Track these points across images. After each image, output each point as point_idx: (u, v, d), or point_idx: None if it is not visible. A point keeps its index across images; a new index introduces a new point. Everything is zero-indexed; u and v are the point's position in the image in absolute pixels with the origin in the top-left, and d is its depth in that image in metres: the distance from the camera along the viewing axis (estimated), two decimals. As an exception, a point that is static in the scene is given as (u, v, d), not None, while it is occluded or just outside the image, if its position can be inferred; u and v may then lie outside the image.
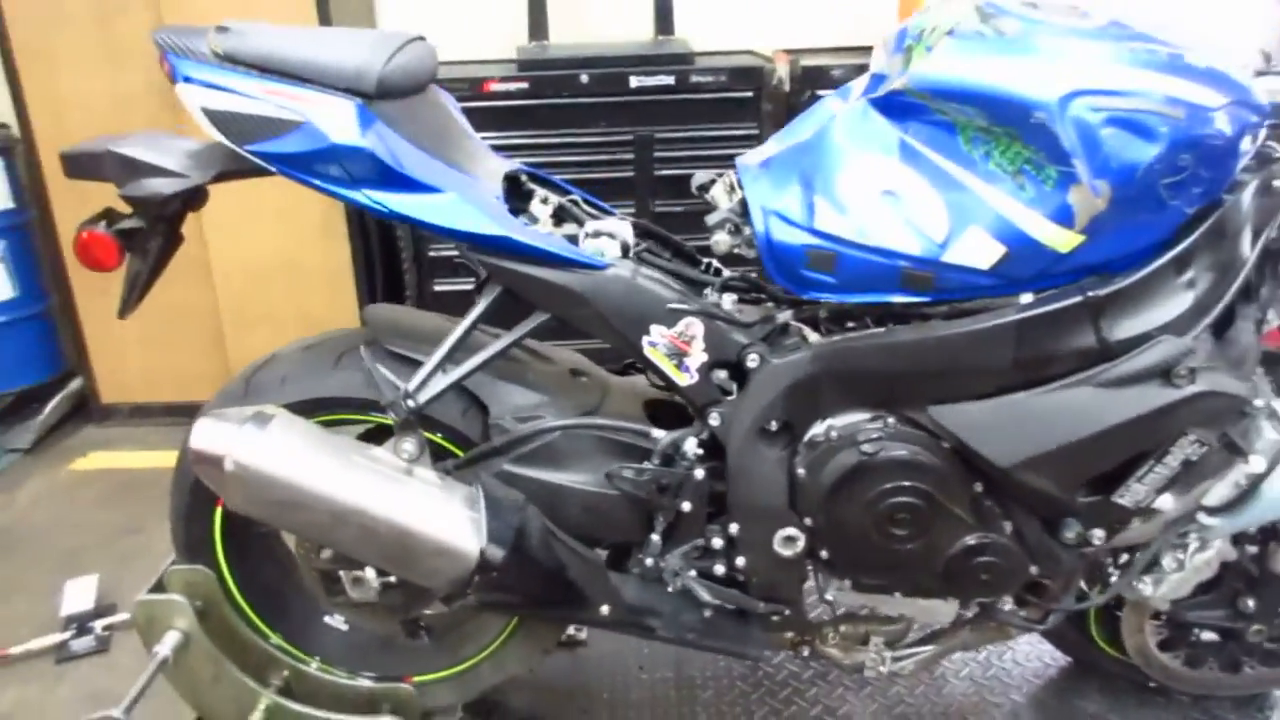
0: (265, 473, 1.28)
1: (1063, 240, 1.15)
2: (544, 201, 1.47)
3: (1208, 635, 1.59)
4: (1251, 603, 1.53)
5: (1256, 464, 1.22)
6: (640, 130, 3.09)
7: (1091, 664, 1.76)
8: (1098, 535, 1.32)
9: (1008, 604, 1.49)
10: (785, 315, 1.37)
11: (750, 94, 3.04)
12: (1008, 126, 1.14)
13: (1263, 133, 1.23)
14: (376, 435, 1.49)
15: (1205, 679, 1.66)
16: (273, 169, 1.27)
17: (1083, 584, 1.44)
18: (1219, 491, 1.27)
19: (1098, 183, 1.11)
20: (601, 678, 1.84)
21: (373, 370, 1.35)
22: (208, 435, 1.30)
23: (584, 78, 3.01)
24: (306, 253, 2.99)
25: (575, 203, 1.51)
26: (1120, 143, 1.10)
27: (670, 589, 1.44)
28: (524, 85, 3.02)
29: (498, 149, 1.53)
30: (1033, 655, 1.85)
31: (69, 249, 2.79)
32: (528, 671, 1.70)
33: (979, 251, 1.18)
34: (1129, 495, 1.27)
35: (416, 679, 1.68)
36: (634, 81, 2.99)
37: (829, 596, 1.48)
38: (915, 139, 1.20)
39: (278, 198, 2.38)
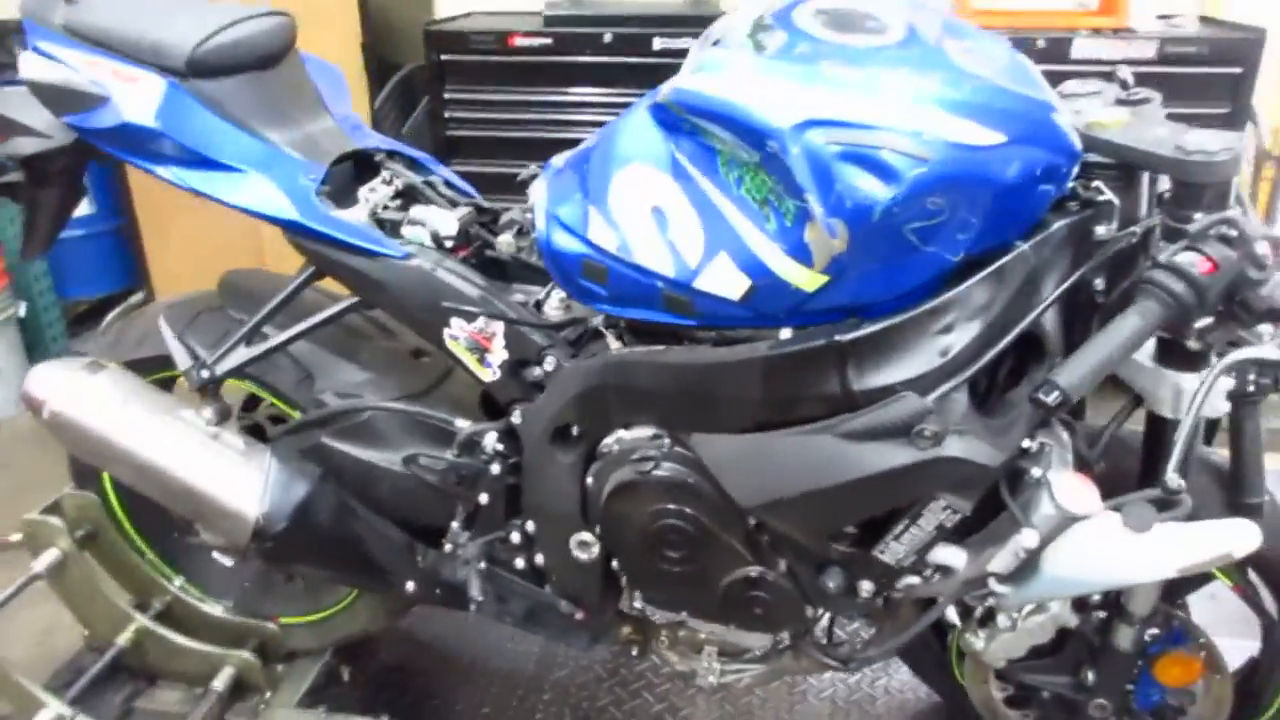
0: (77, 422, 1.38)
1: (805, 279, 1.07)
2: (387, 182, 1.48)
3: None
4: (1091, 675, 1.40)
5: (1029, 538, 1.11)
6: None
7: (960, 708, 1.66)
8: (865, 587, 1.24)
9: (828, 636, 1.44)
10: (598, 321, 1.34)
11: None
12: (752, 152, 1.05)
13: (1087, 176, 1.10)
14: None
15: (1058, 745, 1.55)
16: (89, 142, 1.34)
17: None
18: (1002, 560, 1.17)
19: (833, 222, 1.02)
20: (473, 642, 1.89)
21: (168, 340, 1.42)
22: (36, 381, 1.41)
23: (608, 37, 2.95)
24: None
25: (431, 185, 1.51)
26: (855, 180, 0.99)
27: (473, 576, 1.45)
28: (548, 41, 2.99)
29: (521, 104, 1.49)
30: (907, 687, 1.77)
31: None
32: (380, 628, 1.77)
33: (728, 282, 1.11)
34: (889, 553, 1.19)
35: (283, 620, 1.78)
36: (658, 44, 2.91)
37: (636, 604, 1.46)
38: (683, 155, 1.13)
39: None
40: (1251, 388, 1.17)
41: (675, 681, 1.79)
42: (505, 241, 1.33)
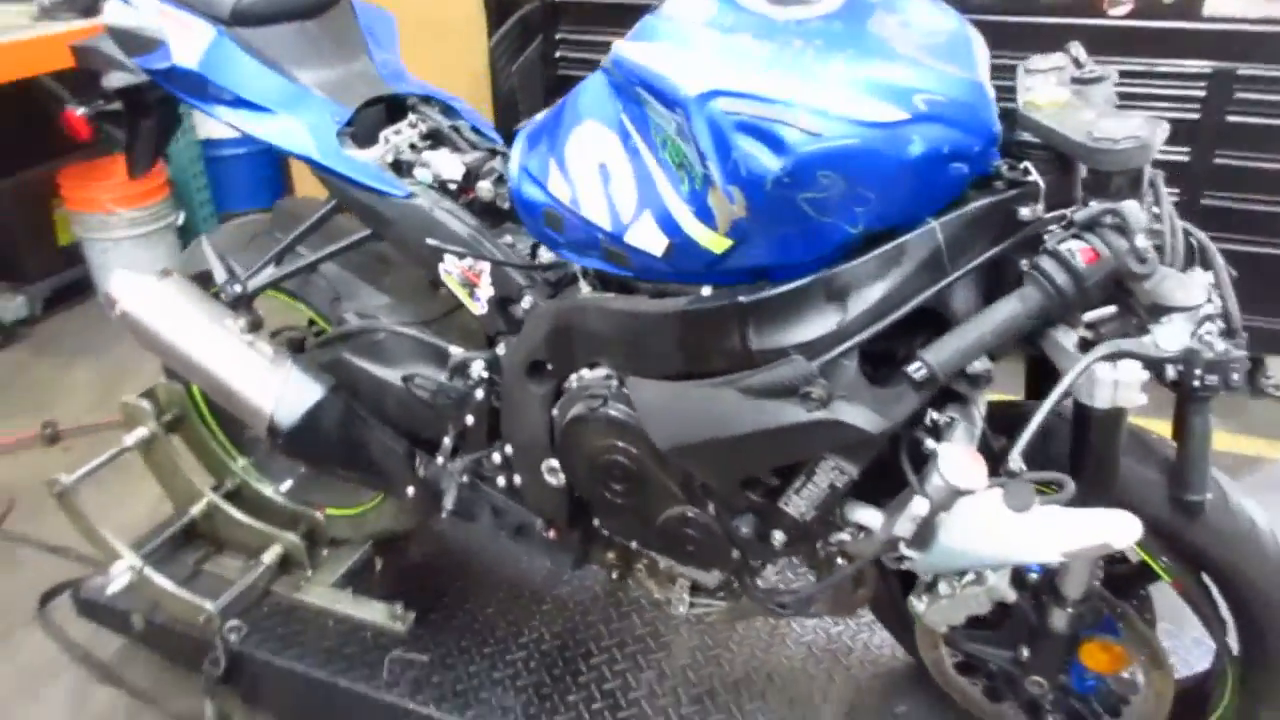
0: (140, 321, 1.62)
1: (712, 241, 1.13)
2: (412, 126, 1.62)
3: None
4: (1026, 653, 1.42)
5: (919, 506, 1.15)
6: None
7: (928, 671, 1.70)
8: (778, 537, 1.31)
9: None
10: (577, 267, 1.44)
11: None
12: (669, 118, 1.12)
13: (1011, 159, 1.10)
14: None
15: (1005, 717, 1.57)
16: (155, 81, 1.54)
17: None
18: (904, 525, 1.21)
19: (730, 189, 1.07)
20: (493, 553, 2.07)
21: (209, 256, 1.62)
22: (115, 284, 1.66)
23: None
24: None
25: (457, 129, 1.64)
26: (749, 150, 1.04)
27: (451, 489, 1.61)
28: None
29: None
30: (886, 644, 1.81)
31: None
32: (406, 527, 1.97)
33: (651, 239, 1.18)
34: (792, 506, 1.25)
35: (328, 511, 2.02)
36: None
37: (604, 530, 1.58)
38: (626, 116, 1.20)
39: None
40: (1196, 384, 1.14)
41: (663, 610, 1.90)
42: (484, 188, 1.45)
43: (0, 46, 2.74)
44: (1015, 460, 1.03)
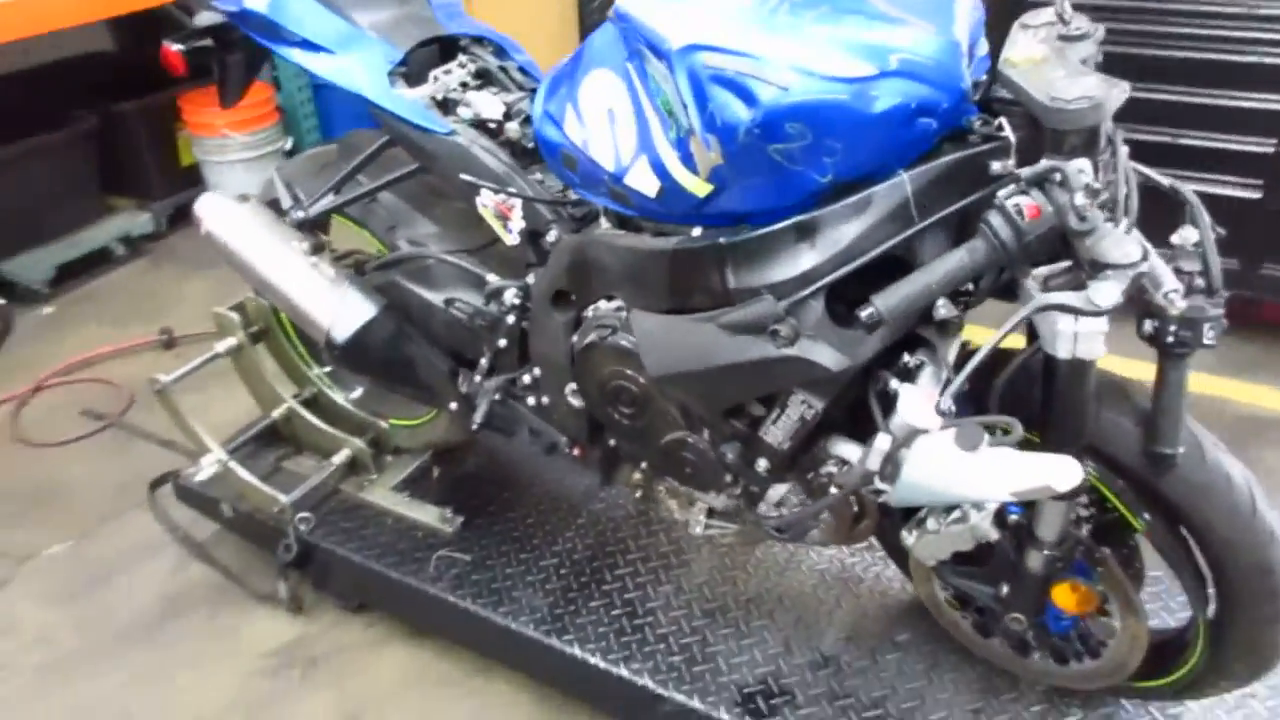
0: (221, 240, 1.81)
1: (695, 185, 1.21)
2: (462, 66, 1.74)
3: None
4: (1005, 590, 1.48)
5: (882, 441, 1.22)
6: None
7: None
8: (761, 464, 1.40)
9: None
10: (604, 202, 1.55)
11: None
12: (660, 68, 1.20)
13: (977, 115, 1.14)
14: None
15: (995, 652, 1.63)
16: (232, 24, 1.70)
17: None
18: (873, 460, 1.28)
19: (708, 137, 1.15)
20: (539, 468, 2.22)
21: (276, 184, 1.79)
22: (200, 205, 1.85)
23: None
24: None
25: (505, 70, 1.75)
26: (724, 101, 1.12)
27: (482, 406, 1.76)
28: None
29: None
30: (896, 578, 1.88)
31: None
32: (459, 439, 2.14)
33: (646, 181, 1.27)
34: (770, 436, 1.34)
35: (391, 421, 2.21)
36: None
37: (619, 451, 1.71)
38: (631, 64, 1.28)
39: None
40: (1170, 339, 1.17)
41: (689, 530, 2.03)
42: (512, 128, 1.56)
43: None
44: (945, 401, 1.10)
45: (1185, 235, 1.20)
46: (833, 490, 1.45)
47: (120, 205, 3.74)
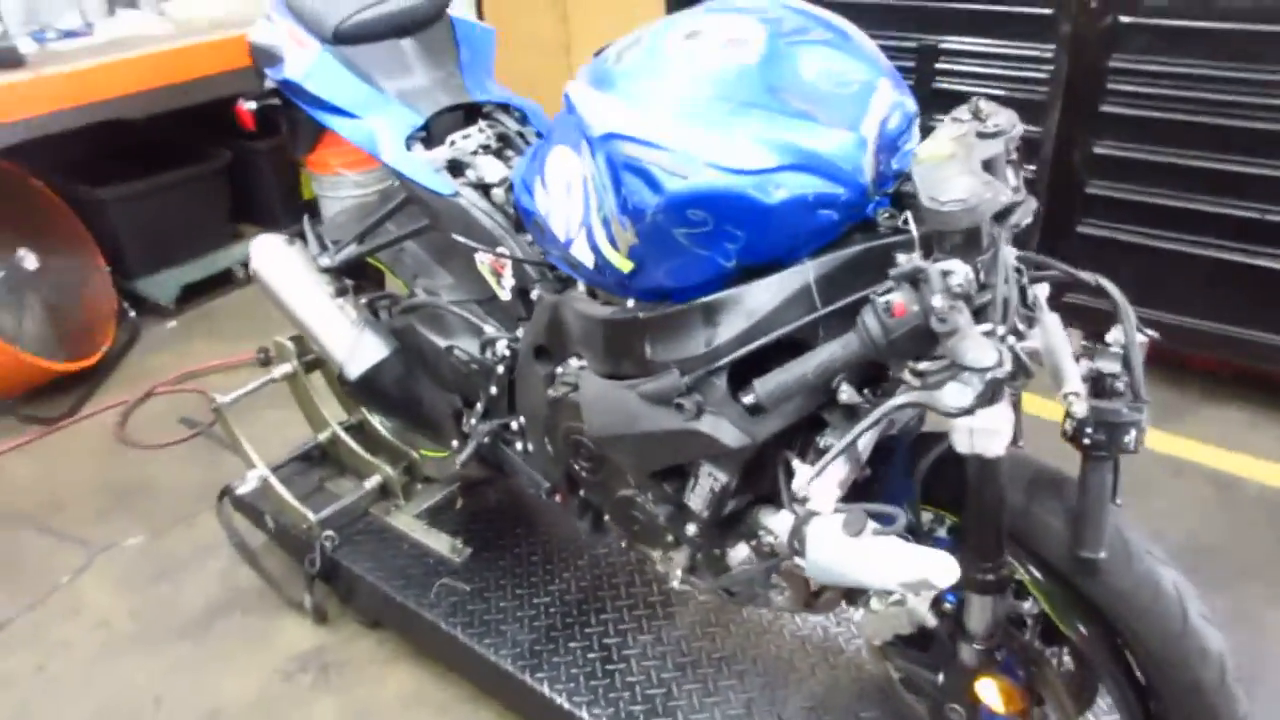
0: (263, 279, 2.01)
1: (620, 262, 1.28)
2: (481, 131, 1.87)
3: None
4: (942, 678, 1.46)
5: (785, 518, 1.25)
6: (925, 38, 3.02)
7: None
8: (690, 528, 1.44)
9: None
10: (563, 268, 1.63)
11: (1049, 11, 2.78)
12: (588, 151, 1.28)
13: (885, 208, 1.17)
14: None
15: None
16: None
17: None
18: (784, 534, 1.31)
19: (623, 218, 1.22)
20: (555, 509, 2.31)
21: (307, 232, 1.96)
22: (253, 245, 2.06)
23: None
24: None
25: (523, 135, 1.88)
26: (634, 187, 1.19)
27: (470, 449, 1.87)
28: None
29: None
30: (876, 652, 1.86)
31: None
32: (479, 475, 2.26)
33: (585, 253, 1.36)
34: (691, 501, 1.38)
35: (422, 451, 2.36)
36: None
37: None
38: (584, 143, 1.38)
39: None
40: (1087, 441, 1.16)
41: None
42: (497, 195, 1.67)
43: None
44: (801, 487, 1.12)
45: (1115, 336, 1.19)
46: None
47: (247, 233, 4.10)
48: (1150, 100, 2.70)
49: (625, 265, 1.28)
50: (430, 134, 1.84)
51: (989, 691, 1.39)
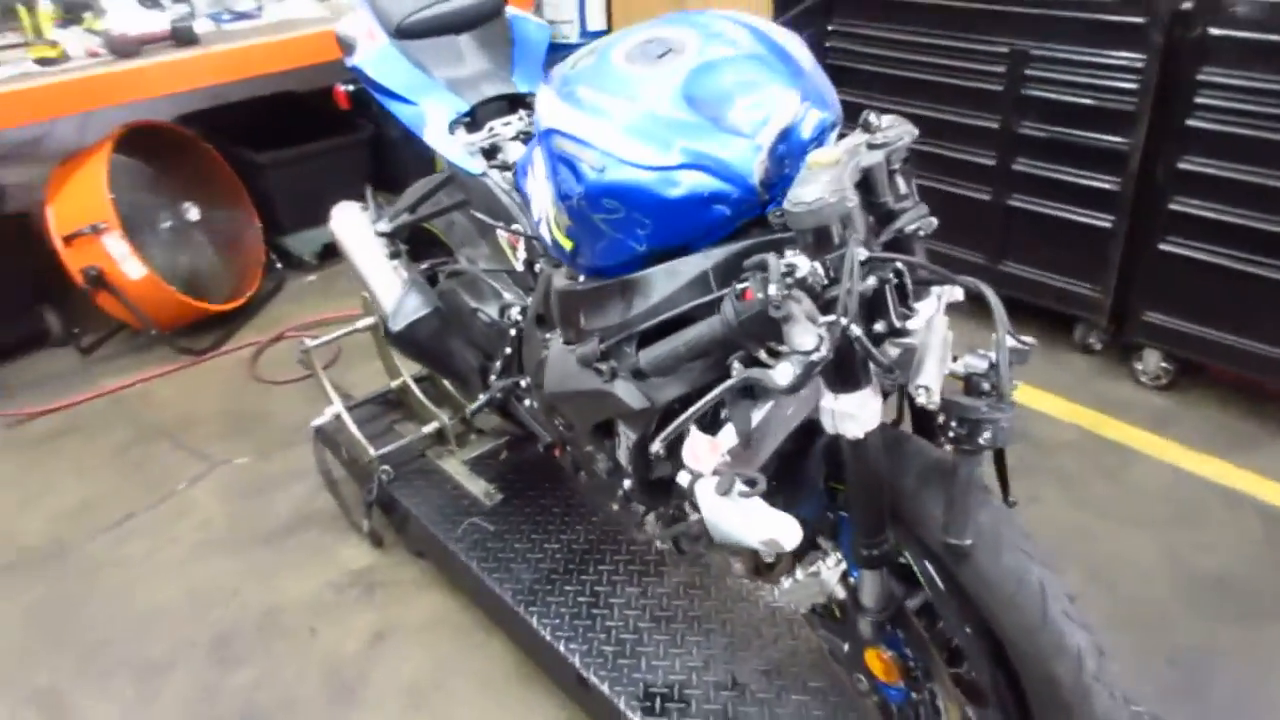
0: (337, 239, 2.32)
1: (563, 241, 1.47)
2: (520, 119, 2.09)
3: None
4: (846, 648, 1.57)
5: (682, 476, 1.40)
6: (1016, 44, 3.02)
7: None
8: (626, 483, 1.61)
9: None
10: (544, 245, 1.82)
11: (1142, 20, 2.73)
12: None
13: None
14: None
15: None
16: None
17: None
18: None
19: (559, 203, 1.41)
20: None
21: (368, 199, 2.23)
22: (334, 211, 2.36)
23: (990, -16, 3.00)
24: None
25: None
26: (564, 176, 1.37)
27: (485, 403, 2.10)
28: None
29: (870, 39, 2.46)
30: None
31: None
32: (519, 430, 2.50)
33: (546, 233, 1.55)
34: (620, 454, 1.55)
35: (471, 405, 2.62)
36: (1042, -2, 2.89)
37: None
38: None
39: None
40: (951, 434, 1.26)
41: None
42: (505, 177, 1.88)
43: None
44: (657, 447, 1.27)
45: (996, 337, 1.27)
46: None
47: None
48: (1239, 116, 2.60)
49: (567, 244, 1.47)
50: (475, 120, 2.07)
51: (876, 662, 1.49)
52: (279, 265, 4.14)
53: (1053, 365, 3.19)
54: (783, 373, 1.14)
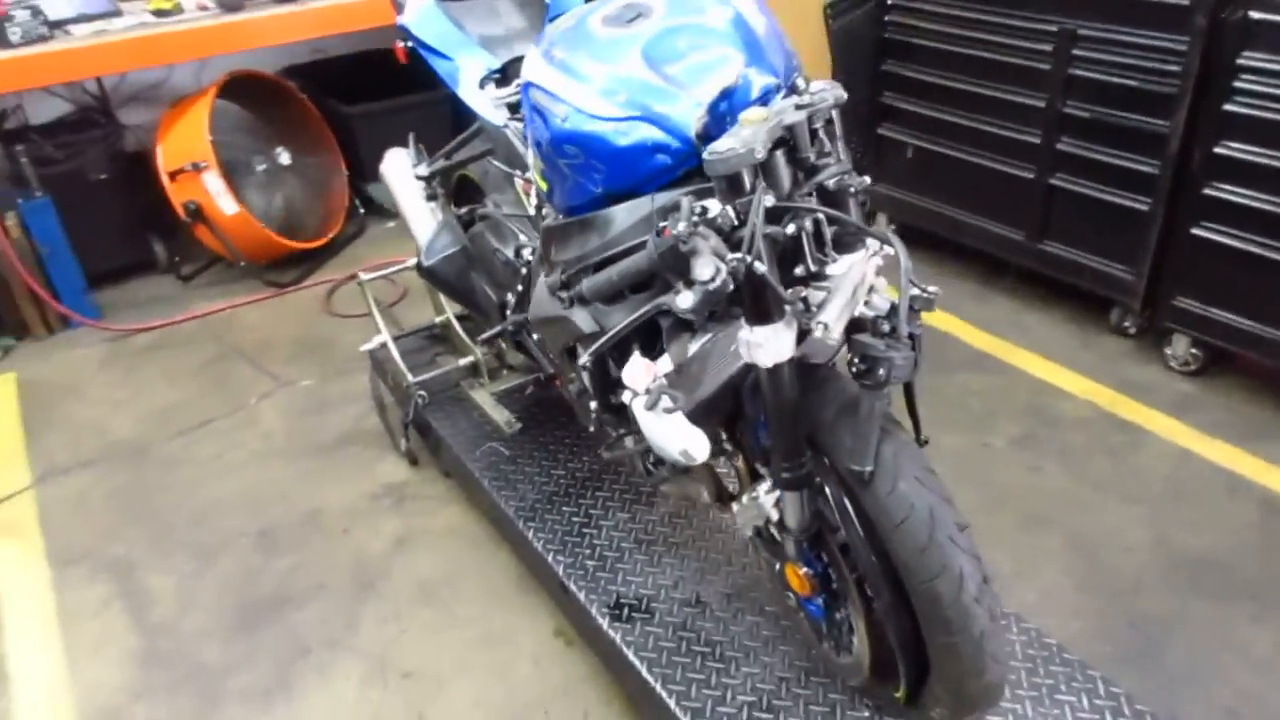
0: (386, 182, 2.56)
1: (540, 182, 1.66)
2: (547, 75, 2.28)
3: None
4: (777, 567, 1.73)
5: (625, 395, 1.58)
6: (1065, 23, 3.05)
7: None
8: (592, 405, 1.80)
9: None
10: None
11: (1186, 2, 2.74)
12: (528, 94, 1.66)
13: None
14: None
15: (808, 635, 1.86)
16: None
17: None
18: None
19: (534, 148, 1.60)
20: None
21: (410, 146, 2.46)
22: (387, 154, 2.61)
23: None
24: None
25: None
26: (537, 124, 1.55)
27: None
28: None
29: (924, 13, 2.75)
30: (803, 564, 2.13)
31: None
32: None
33: (535, 177, 1.74)
34: (585, 379, 1.74)
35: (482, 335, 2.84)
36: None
37: None
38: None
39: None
40: (853, 369, 1.41)
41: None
42: (515, 128, 2.07)
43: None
44: (583, 358, 1.45)
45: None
46: None
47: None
48: (1278, 102, 2.59)
49: (543, 185, 1.66)
50: (505, 76, 2.27)
51: (795, 578, 1.65)
52: (362, 211, 4.46)
53: (1082, 346, 3.21)
54: (684, 299, 1.31)
